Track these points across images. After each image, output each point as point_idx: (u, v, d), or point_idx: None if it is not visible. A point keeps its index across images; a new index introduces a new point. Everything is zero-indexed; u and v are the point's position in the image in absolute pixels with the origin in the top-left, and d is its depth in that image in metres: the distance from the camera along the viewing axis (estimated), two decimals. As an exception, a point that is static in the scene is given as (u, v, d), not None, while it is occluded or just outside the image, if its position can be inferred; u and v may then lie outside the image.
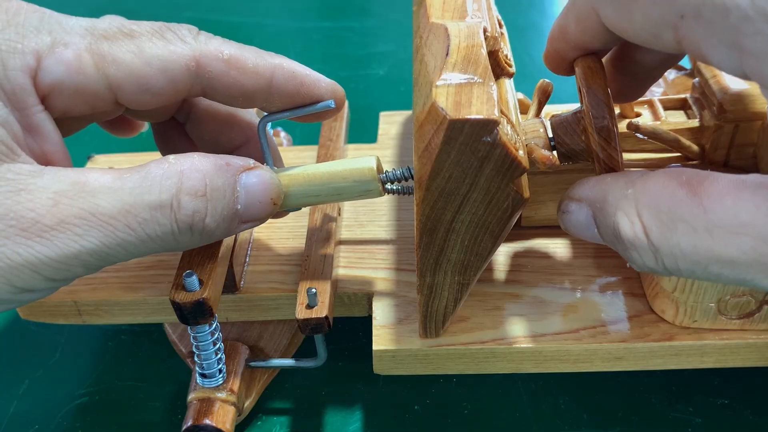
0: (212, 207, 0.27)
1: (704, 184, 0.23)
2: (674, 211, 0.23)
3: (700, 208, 0.23)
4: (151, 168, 0.27)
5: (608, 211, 0.26)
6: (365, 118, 0.52)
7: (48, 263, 0.25)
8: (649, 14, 0.24)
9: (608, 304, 0.34)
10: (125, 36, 0.28)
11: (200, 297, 0.29)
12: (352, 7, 0.73)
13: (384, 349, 0.33)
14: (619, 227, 0.25)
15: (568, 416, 0.36)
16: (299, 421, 0.36)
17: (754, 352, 0.33)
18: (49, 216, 0.25)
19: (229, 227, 0.28)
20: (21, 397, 0.38)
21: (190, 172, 0.27)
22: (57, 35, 0.27)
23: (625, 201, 0.25)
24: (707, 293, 0.31)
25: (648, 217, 0.24)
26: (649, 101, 0.37)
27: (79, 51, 0.27)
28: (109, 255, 0.26)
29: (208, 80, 0.29)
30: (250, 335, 0.37)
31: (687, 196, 0.23)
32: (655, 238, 0.24)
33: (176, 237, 0.27)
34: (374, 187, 0.31)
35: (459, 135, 0.25)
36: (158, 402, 0.38)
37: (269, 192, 0.29)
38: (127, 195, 0.26)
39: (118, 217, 0.26)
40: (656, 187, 0.24)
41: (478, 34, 0.28)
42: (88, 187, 0.26)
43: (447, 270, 0.30)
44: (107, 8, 0.60)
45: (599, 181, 0.27)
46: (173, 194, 0.26)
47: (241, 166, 0.28)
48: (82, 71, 0.27)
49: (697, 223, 0.23)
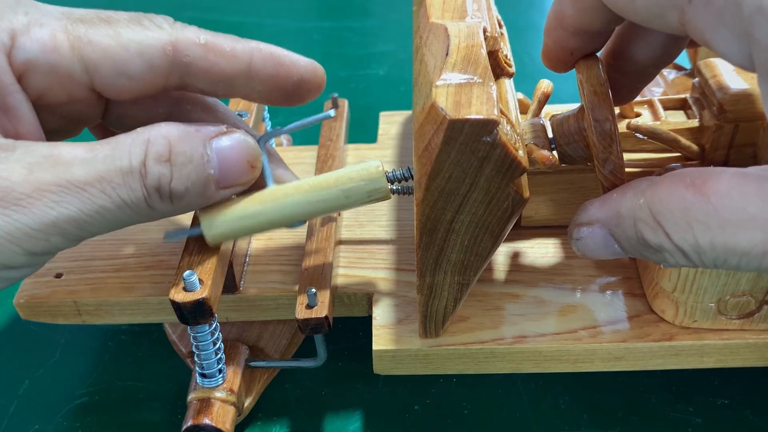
0: (177, 171, 0.27)
1: (708, 183, 0.24)
2: (687, 213, 0.24)
3: (710, 206, 0.23)
4: (120, 138, 0.27)
5: (627, 225, 0.26)
6: (365, 118, 0.52)
7: (26, 232, 0.25)
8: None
9: (608, 304, 0.34)
10: (102, 21, 0.28)
11: (200, 297, 0.29)
12: (352, 7, 0.73)
13: (384, 349, 0.33)
14: (644, 236, 0.26)
15: (568, 416, 0.36)
16: (299, 421, 0.36)
17: (754, 352, 0.33)
18: (24, 184, 0.25)
19: (204, 192, 0.28)
20: (21, 397, 0.38)
21: (156, 138, 0.27)
22: (33, 16, 0.28)
23: (640, 212, 0.26)
24: (707, 293, 0.31)
25: (665, 222, 0.25)
26: (648, 101, 0.37)
27: (54, 31, 0.28)
28: (87, 223, 0.26)
29: (186, 66, 0.29)
30: (250, 335, 0.37)
31: (695, 197, 0.24)
32: (677, 240, 0.25)
33: (149, 203, 0.27)
34: (382, 185, 0.30)
35: (459, 135, 0.25)
36: (158, 402, 0.38)
37: (244, 154, 0.29)
38: (100, 163, 0.26)
39: (92, 183, 0.26)
40: (665, 194, 0.25)
41: (477, 34, 0.28)
42: (61, 159, 0.26)
43: (447, 270, 0.30)
44: (107, 8, 0.60)
45: (606, 201, 0.28)
46: (141, 160, 0.27)
47: (212, 131, 0.28)
48: (57, 50, 0.27)
49: (710, 221, 0.23)
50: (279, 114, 0.54)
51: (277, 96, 0.31)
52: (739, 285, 0.31)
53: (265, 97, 0.31)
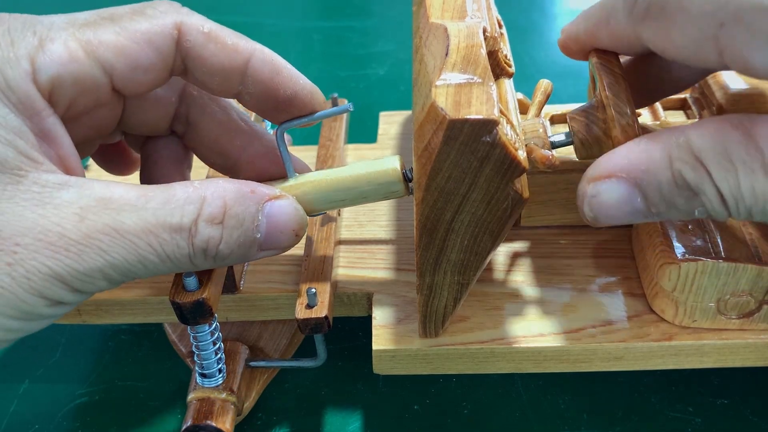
0: (228, 234, 0.27)
1: (758, 126, 0.23)
2: (732, 152, 0.23)
3: (757, 150, 0.23)
4: (176, 190, 0.27)
5: (661, 166, 0.25)
6: (365, 118, 0.52)
7: (75, 276, 0.26)
8: (688, 32, 0.24)
9: (608, 304, 0.34)
10: (105, 20, 0.28)
11: (200, 297, 0.29)
12: (352, 7, 0.73)
13: (384, 349, 0.33)
14: (684, 175, 0.24)
15: (568, 416, 0.36)
16: (299, 421, 0.36)
17: (754, 351, 0.33)
18: (75, 231, 0.26)
19: (246, 254, 0.28)
20: (21, 397, 0.38)
21: (212, 198, 0.27)
22: (41, 33, 0.28)
23: (679, 150, 0.24)
24: (707, 293, 0.31)
25: (708, 160, 0.24)
26: (648, 101, 0.37)
27: (66, 42, 0.27)
28: (131, 271, 0.27)
29: (187, 50, 0.29)
30: (249, 335, 0.37)
31: (743, 138, 0.23)
32: (718, 180, 0.24)
33: (192, 260, 0.27)
34: (399, 188, 0.30)
35: (458, 135, 0.25)
36: (158, 402, 0.38)
37: (292, 223, 0.29)
38: (150, 215, 0.26)
39: (140, 235, 0.26)
40: (711, 131, 0.24)
41: (477, 34, 0.28)
42: (112, 203, 0.26)
43: (446, 270, 0.30)
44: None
45: (633, 147, 0.26)
46: (193, 219, 0.27)
47: (266, 194, 0.29)
48: (75, 60, 0.27)
49: (755, 164, 0.23)
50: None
51: (268, 104, 0.31)
52: (738, 285, 0.31)
53: (255, 102, 0.31)
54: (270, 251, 0.29)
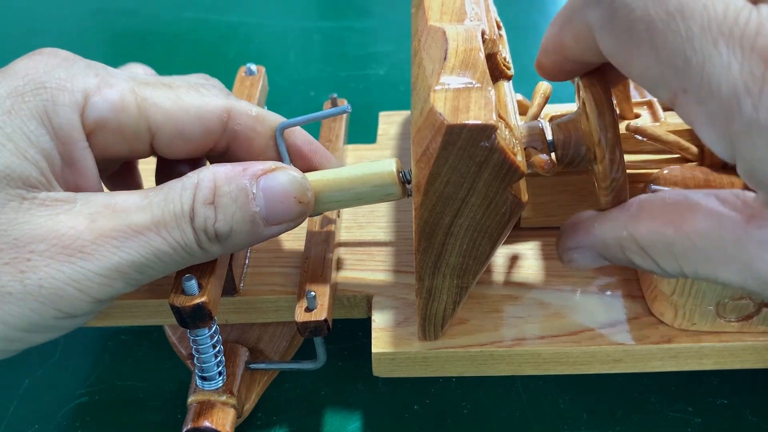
0: (221, 212, 0.28)
1: (687, 222, 0.25)
2: (671, 248, 0.26)
3: (691, 245, 0.25)
4: (172, 184, 0.29)
5: (615, 251, 0.28)
6: (365, 118, 0.52)
7: (91, 278, 0.27)
8: (649, 71, 0.24)
9: (607, 307, 0.34)
10: (164, 86, 0.31)
11: (199, 301, 0.29)
12: (352, 7, 0.72)
13: (383, 352, 0.33)
14: (633, 261, 0.28)
15: (568, 416, 0.36)
16: (299, 421, 0.37)
17: (753, 354, 0.33)
18: (87, 231, 0.27)
19: (253, 230, 0.29)
20: (21, 397, 0.38)
21: (203, 182, 0.28)
22: (103, 77, 0.30)
23: (626, 242, 0.27)
24: (706, 296, 0.31)
25: (652, 253, 0.27)
26: (648, 102, 0.37)
27: (123, 92, 0.29)
28: (146, 266, 0.28)
29: (235, 132, 0.31)
30: (249, 337, 0.37)
31: (677, 235, 0.25)
32: (664, 266, 0.27)
33: (200, 245, 0.28)
34: (394, 190, 0.31)
35: (457, 140, 0.25)
36: (158, 402, 0.38)
37: (291, 191, 0.29)
38: (155, 208, 0.28)
39: (150, 227, 0.27)
40: (647, 230, 0.27)
41: (476, 37, 0.28)
42: (119, 207, 0.28)
43: (446, 273, 0.30)
44: (107, 8, 0.59)
45: (588, 231, 0.29)
46: (190, 204, 0.28)
47: (259, 169, 0.29)
48: (125, 110, 0.29)
49: (693, 255, 0.25)
50: (283, 112, 0.54)
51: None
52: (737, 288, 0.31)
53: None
54: (281, 225, 0.30)
